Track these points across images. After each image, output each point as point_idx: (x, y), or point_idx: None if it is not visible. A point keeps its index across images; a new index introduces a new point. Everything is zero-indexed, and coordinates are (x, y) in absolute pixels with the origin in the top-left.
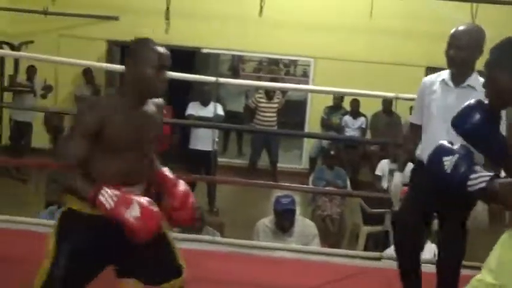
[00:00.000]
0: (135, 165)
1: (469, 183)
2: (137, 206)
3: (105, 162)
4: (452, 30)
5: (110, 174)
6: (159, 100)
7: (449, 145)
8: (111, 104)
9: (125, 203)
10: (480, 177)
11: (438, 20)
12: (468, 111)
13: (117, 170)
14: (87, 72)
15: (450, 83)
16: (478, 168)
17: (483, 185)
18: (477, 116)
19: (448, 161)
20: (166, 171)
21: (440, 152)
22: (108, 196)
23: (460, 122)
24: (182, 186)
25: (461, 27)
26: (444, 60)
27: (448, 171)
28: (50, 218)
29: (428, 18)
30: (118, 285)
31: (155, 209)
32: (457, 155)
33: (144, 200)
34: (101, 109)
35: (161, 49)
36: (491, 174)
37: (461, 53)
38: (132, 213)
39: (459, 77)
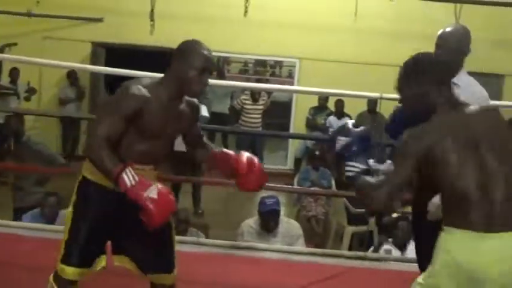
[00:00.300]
0: (155, 151)
1: (346, 168)
2: (155, 190)
3: (131, 144)
4: (439, 32)
5: (131, 155)
6: (194, 100)
7: (351, 127)
8: (153, 92)
9: (144, 185)
10: (355, 166)
11: (422, 20)
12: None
13: (139, 153)
14: (72, 74)
15: None
16: (361, 158)
17: (352, 174)
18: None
19: (341, 141)
20: (224, 150)
21: (340, 131)
22: (130, 175)
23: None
24: (246, 155)
25: (447, 29)
26: None
27: (337, 149)
28: (33, 221)
29: (413, 19)
30: (112, 259)
31: (171, 196)
32: (349, 138)
33: (162, 186)
34: (143, 95)
35: (207, 53)
36: (364, 168)
37: (448, 54)
38: (149, 195)
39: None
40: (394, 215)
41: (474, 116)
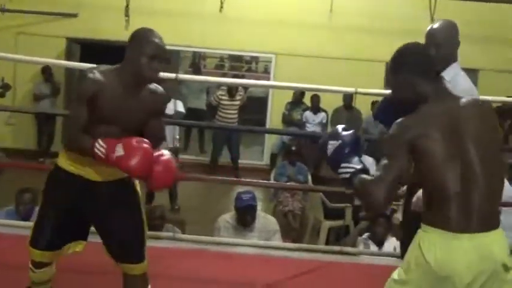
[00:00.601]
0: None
1: (339, 170)
2: (120, 147)
3: (92, 130)
4: (427, 29)
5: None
6: (161, 90)
7: (341, 131)
8: (108, 78)
9: (111, 148)
10: (348, 167)
11: (397, 16)
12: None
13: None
14: (46, 70)
15: None
16: (355, 159)
17: (347, 175)
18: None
19: (331, 145)
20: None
21: (330, 135)
22: (99, 147)
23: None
24: (167, 155)
25: (435, 25)
26: None
27: (329, 154)
28: (8, 218)
29: (388, 15)
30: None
31: (138, 141)
32: (340, 141)
33: (129, 139)
34: (98, 79)
35: (158, 41)
36: (359, 167)
37: (440, 50)
38: (117, 154)
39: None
40: None
41: (462, 109)
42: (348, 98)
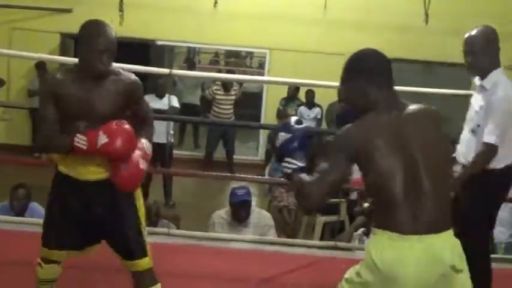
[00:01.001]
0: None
1: (283, 164)
2: (103, 135)
3: (63, 129)
4: (465, 36)
5: None
6: (125, 76)
7: (295, 124)
8: (64, 78)
9: (93, 138)
10: (291, 163)
11: (392, 11)
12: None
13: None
14: (40, 66)
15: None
16: (300, 155)
17: (289, 171)
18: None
19: (282, 137)
20: (140, 142)
21: (283, 127)
22: (79, 140)
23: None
24: (137, 155)
25: (472, 33)
26: (399, 51)
27: (277, 145)
28: (2, 214)
29: (382, 10)
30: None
31: (119, 125)
32: (290, 135)
33: (108, 124)
34: (52, 83)
35: (106, 35)
36: (301, 165)
37: (476, 58)
38: (101, 142)
39: (481, 79)
40: (366, 204)
41: (408, 116)
42: None
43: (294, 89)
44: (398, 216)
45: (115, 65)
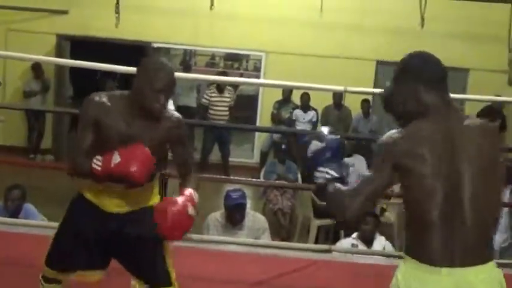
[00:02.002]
0: None
1: (316, 174)
2: (117, 154)
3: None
4: None
5: None
6: (175, 117)
7: (327, 133)
8: (115, 101)
9: (109, 159)
10: (327, 173)
11: (387, 15)
12: None
13: None
14: (36, 67)
15: None
16: (334, 165)
17: (323, 180)
18: None
19: (314, 145)
20: (187, 190)
21: (316, 137)
22: (96, 161)
23: None
24: (178, 204)
25: None
26: (394, 54)
27: (308, 155)
28: None
29: (378, 13)
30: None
31: (133, 146)
32: (324, 144)
33: (125, 148)
34: (97, 106)
35: (166, 74)
36: (336, 175)
37: None
38: (114, 162)
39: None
40: None
41: (461, 129)
42: (338, 96)
43: (288, 92)
44: (430, 242)
45: (110, 67)
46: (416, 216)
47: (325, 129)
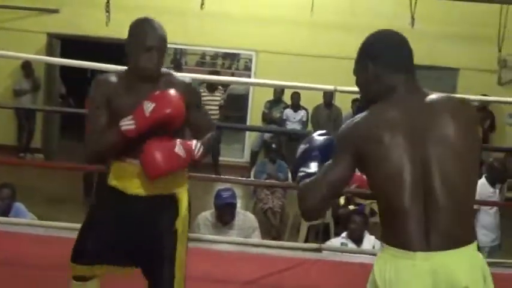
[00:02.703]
0: (138, 140)
1: (299, 174)
2: (148, 103)
3: None
4: None
5: (121, 149)
6: (179, 80)
7: (316, 134)
8: (117, 82)
9: (141, 112)
10: (303, 171)
11: (378, 14)
12: None
13: (126, 146)
14: (27, 66)
15: None
16: (313, 164)
17: (298, 178)
18: None
19: (301, 147)
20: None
21: (306, 138)
22: (126, 122)
23: None
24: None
25: None
26: None
27: (296, 156)
28: None
29: (368, 13)
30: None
31: (160, 93)
32: (308, 145)
33: (152, 95)
34: (106, 87)
35: (153, 30)
36: (310, 171)
37: None
38: (149, 110)
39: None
40: (351, 207)
41: (427, 107)
42: (328, 95)
43: (279, 92)
44: (403, 228)
45: (100, 65)
46: (386, 203)
47: (316, 134)
